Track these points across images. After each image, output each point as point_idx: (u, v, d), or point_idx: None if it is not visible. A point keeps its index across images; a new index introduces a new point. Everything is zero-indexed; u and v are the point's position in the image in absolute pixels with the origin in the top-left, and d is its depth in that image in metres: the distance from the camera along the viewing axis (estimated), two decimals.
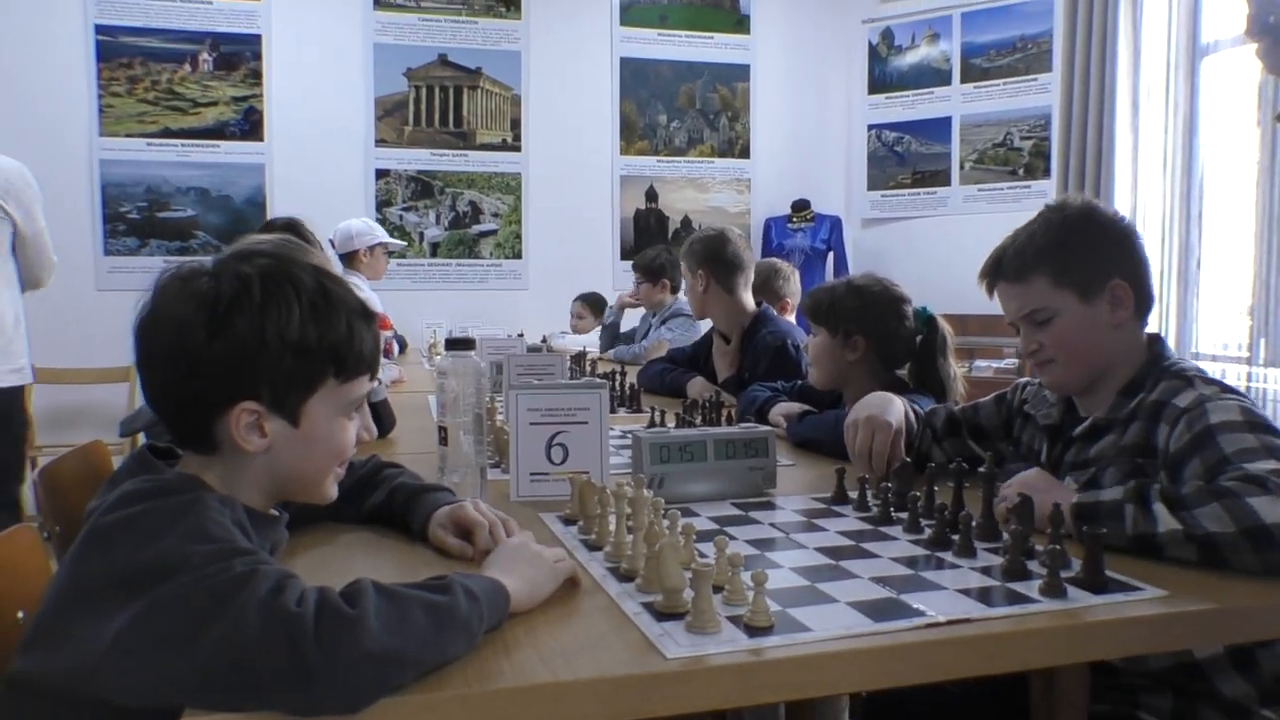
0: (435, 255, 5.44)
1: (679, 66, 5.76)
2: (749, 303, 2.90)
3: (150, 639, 0.80)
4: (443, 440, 1.42)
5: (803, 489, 1.56)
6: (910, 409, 1.67)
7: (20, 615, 1.14)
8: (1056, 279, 1.42)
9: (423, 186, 5.40)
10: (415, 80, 5.34)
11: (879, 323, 2.02)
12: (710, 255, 2.86)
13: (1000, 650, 0.94)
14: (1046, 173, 5.18)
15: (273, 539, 1.07)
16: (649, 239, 5.60)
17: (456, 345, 1.45)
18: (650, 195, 5.76)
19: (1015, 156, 5.37)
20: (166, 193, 5.00)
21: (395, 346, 3.84)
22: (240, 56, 5.07)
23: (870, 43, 5.82)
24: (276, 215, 3.84)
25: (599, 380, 1.99)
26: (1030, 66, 5.28)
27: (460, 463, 1.42)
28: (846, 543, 1.24)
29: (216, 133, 5.05)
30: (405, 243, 5.05)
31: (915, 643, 0.92)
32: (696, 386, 2.74)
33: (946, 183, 5.60)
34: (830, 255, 5.74)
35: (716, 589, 0.99)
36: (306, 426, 1.01)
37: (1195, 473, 1.23)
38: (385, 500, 1.30)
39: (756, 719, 1.87)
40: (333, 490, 1.10)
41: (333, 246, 4.04)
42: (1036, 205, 1.53)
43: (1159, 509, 1.12)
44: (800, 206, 5.75)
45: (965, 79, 5.52)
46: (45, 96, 4.78)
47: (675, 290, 4.23)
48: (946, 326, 2.07)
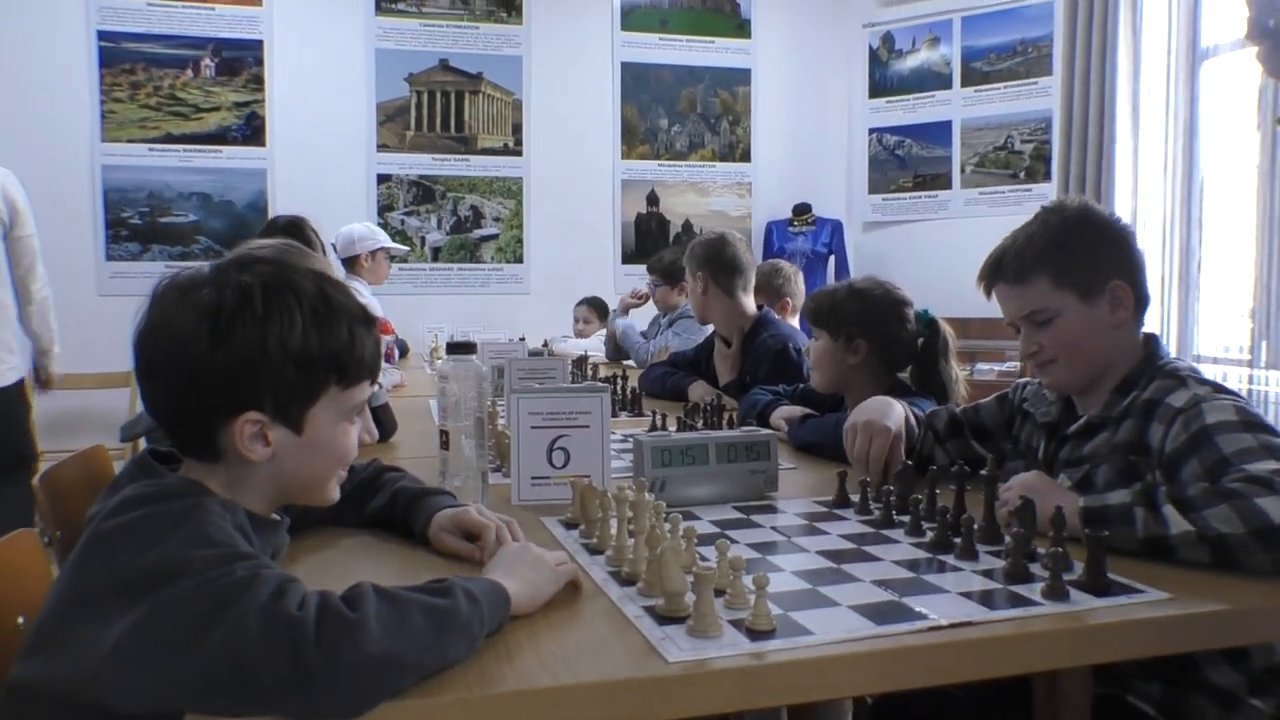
0: (437, 260, 5.44)
1: (680, 71, 5.76)
2: (749, 306, 2.90)
3: (151, 644, 0.80)
4: (444, 444, 1.42)
5: (804, 492, 1.56)
6: (910, 413, 1.67)
7: (21, 621, 1.14)
8: (1057, 280, 1.42)
9: (424, 191, 5.40)
10: (417, 85, 5.35)
11: (880, 326, 2.02)
12: (709, 258, 2.86)
13: (1003, 653, 0.94)
14: (1047, 176, 5.17)
15: (274, 543, 1.07)
16: (650, 243, 5.60)
17: (458, 349, 1.44)
18: (651, 199, 5.76)
19: (1016, 160, 5.37)
20: (168, 198, 5.00)
21: (396, 351, 3.84)
22: (242, 62, 5.08)
23: (871, 47, 5.82)
24: (280, 215, 3.84)
25: (600, 384, 1.99)
26: (1031, 70, 5.27)
27: (462, 467, 1.42)
28: (848, 546, 1.23)
29: (218, 138, 5.05)
30: (407, 247, 5.06)
31: (917, 646, 0.91)
32: (698, 390, 2.74)
33: (947, 186, 5.60)
34: (831, 259, 5.73)
35: (718, 592, 0.99)
36: (309, 433, 1.01)
37: (1194, 473, 1.23)
38: (386, 504, 1.30)
39: None
40: (335, 492, 1.10)
41: (335, 251, 4.04)
42: (1037, 208, 1.53)
43: (1169, 511, 1.12)
44: (801, 210, 5.75)
45: (966, 83, 5.52)
46: (48, 102, 4.78)
47: None
48: (948, 329, 2.07)
